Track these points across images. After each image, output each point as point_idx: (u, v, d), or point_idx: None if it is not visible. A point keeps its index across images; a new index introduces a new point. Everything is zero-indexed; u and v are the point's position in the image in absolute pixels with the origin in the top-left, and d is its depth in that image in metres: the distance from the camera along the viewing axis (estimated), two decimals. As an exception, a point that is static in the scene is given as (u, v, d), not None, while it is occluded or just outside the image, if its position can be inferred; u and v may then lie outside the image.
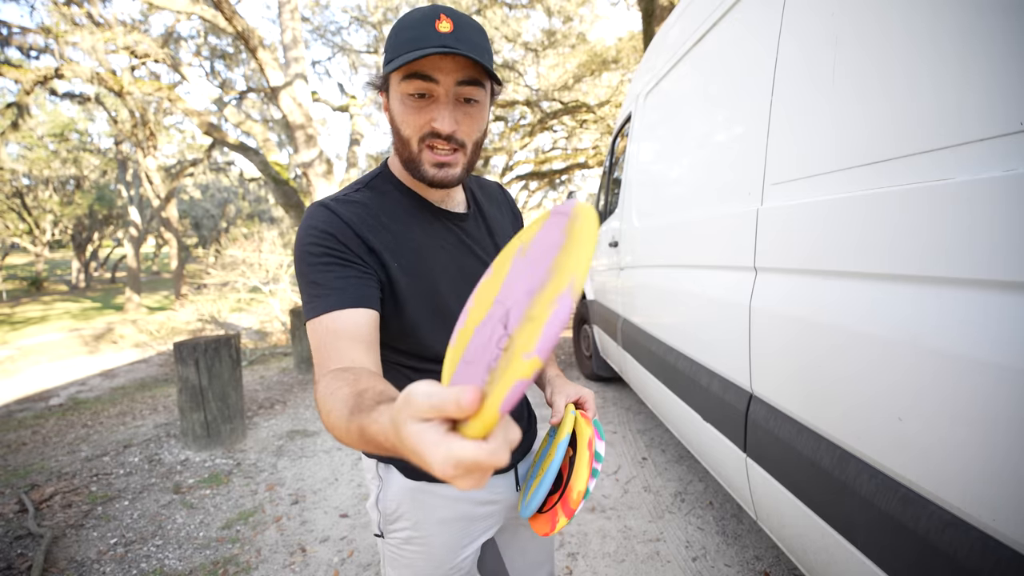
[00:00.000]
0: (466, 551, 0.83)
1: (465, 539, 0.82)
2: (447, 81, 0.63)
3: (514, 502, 0.88)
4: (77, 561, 1.90)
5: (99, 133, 19.28)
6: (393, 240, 0.70)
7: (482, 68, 0.63)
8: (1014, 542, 0.63)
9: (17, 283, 22.69)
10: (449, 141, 0.66)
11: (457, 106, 0.65)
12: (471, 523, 0.82)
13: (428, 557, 0.79)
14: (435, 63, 0.62)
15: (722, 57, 1.60)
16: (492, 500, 0.84)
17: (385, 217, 0.71)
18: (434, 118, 0.64)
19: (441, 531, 0.79)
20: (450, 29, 0.61)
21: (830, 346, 0.97)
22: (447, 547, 0.80)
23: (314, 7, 12.86)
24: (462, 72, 0.63)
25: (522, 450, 0.89)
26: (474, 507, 0.82)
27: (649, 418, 3.25)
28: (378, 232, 0.70)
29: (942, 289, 0.75)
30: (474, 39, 0.63)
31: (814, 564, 1.08)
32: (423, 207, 0.75)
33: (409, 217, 0.73)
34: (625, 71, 11.29)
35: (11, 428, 3.95)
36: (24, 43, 8.28)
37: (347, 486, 2.48)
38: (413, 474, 0.78)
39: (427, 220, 0.75)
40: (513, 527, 0.92)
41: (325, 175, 7.73)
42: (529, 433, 0.92)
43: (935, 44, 0.78)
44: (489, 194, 0.87)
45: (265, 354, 6.19)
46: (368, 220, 0.70)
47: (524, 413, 0.92)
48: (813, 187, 1.06)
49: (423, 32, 0.61)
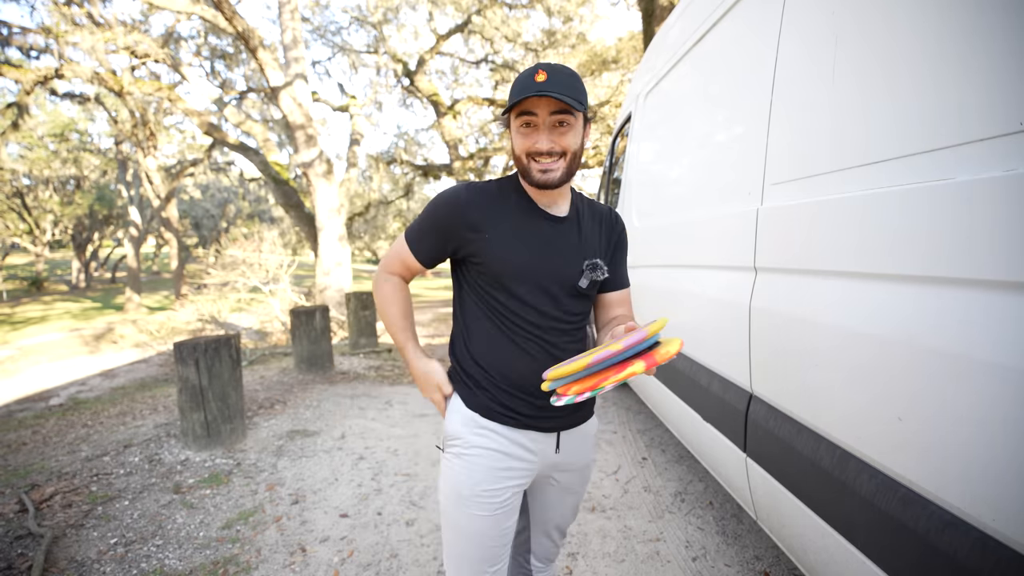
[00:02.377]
0: (502, 483, 0.99)
1: (502, 472, 1.00)
2: (543, 113, 0.90)
3: (552, 461, 1.05)
4: (77, 561, 1.90)
5: (99, 133, 19.30)
6: (496, 218, 0.99)
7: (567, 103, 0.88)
8: (1014, 542, 0.63)
9: (17, 283, 22.69)
10: (549, 155, 0.92)
11: (553, 129, 0.92)
12: (509, 460, 1.00)
13: (468, 474, 0.99)
14: (534, 102, 0.90)
15: (722, 57, 1.60)
16: (532, 450, 1.02)
17: (497, 203, 1.00)
18: (537, 140, 0.92)
19: (484, 456, 0.99)
20: (545, 79, 0.88)
21: (830, 346, 0.97)
22: (486, 472, 0.99)
23: (314, 7, 12.86)
24: (553, 106, 0.90)
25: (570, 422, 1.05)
26: (514, 447, 1.01)
27: (649, 418, 3.25)
28: (486, 210, 0.99)
29: (942, 289, 0.75)
30: (564, 82, 0.88)
31: (814, 564, 1.08)
32: (528, 204, 1.01)
33: (514, 207, 1.01)
34: (625, 71, 11.29)
35: (11, 428, 3.95)
36: (24, 43, 8.28)
37: (347, 486, 2.48)
38: (470, 404, 1.02)
39: (526, 213, 1.01)
40: (543, 484, 1.11)
41: (325, 175, 7.73)
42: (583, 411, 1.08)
43: (935, 44, 0.78)
44: (595, 213, 1.09)
45: (265, 354, 6.20)
46: (483, 201, 0.99)
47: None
48: (813, 187, 1.06)
49: (527, 83, 0.89)
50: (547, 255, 0.99)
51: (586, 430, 1.11)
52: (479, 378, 1.02)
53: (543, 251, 0.99)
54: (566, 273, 0.99)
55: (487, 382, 1.00)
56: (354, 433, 3.21)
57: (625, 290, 1.13)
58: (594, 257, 1.02)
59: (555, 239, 1.01)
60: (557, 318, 1.00)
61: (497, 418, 1.00)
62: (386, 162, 15.10)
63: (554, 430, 1.03)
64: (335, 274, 8.32)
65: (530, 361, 0.98)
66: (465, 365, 1.04)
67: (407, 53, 12.89)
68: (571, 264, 1.00)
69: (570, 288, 1.00)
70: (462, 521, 1.00)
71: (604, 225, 1.09)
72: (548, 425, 1.02)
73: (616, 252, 1.11)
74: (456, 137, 13.21)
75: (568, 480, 1.11)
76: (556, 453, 1.05)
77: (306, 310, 4.85)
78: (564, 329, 1.00)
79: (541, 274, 0.97)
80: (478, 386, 1.02)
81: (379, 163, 15.08)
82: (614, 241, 1.10)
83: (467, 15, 11.50)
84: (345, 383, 4.59)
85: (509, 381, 0.99)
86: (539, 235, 1.00)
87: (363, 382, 4.66)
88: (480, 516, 0.99)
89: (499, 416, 1.00)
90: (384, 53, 12.86)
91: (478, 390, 1.02)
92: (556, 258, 0.99)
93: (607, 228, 1.09)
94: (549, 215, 1.02)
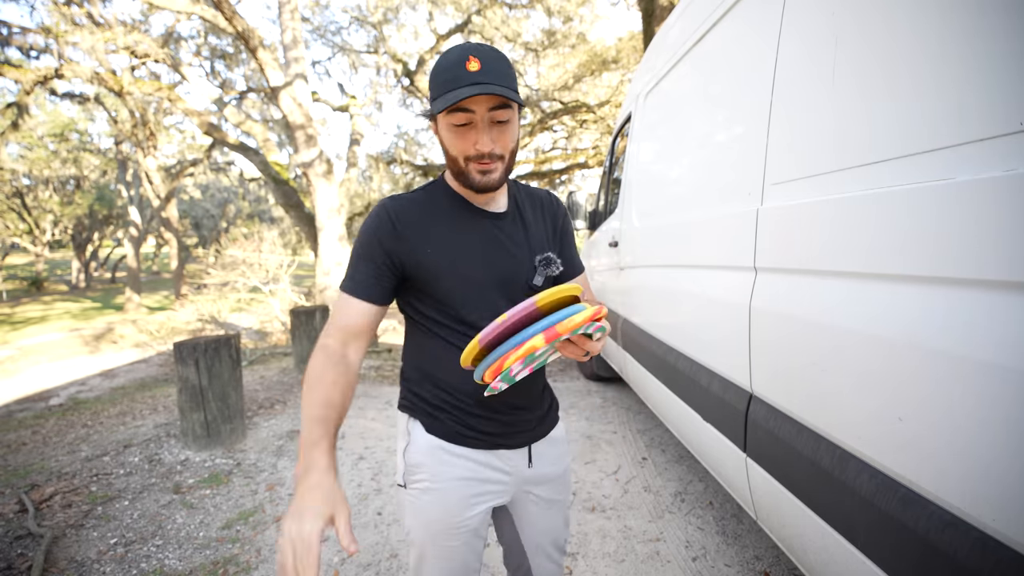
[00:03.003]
0: (475, 509, 0.93)
1: (475, 498, 0.93)
2: (481, 110, 0.78)
3: (527, 476, 0.98)
4: (77, 561, 1.90)
5: (99, 133, 19.25)
6: (432, 227, 0.88)
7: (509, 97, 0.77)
8: (1014, 542, 0.63)
9: (17, 283, 22.68)
10: (490, 157, 0.82)
11: (492, 127, 0.81)
12: (482, 484, 0.93)
13: (442, 508, 0.91)
14: (471, 99, 0.76)
15: (722, 57, 1.60)
16: (504, 470, 0.95)
17: (428, 214, 0.90)
18: (476, 141, 0.80)
19: (456, 487, 0.91)
20: (478, 67, 0.76)
21: (830, 346, 0.97)
22: (460, 502, 0.92)
23: (314, 7, 12.85)
24: (492, 101, 0.78)
25: (539, 433, 0.99)
26: (486, 470, 0.93)
27: (649, 418, 3.25)
28: (418, 220, 0.88)
29: (942, 289, 0.75)
30: (499, 70, 0.77)
31: (814, 564, 1.08)
32: (464, 206, 0.92)
33: (449, 211, 0.91)
34: (625, 71, 11.29)
35: (11, 428, 3.94)
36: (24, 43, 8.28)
37: (347, 486, 2.48)
38: (434, 431, 0.92)
39: (465, 217, 0.91)
40: (523, 501, 1.01)
41: (325, 175, 7.73)
42: (548, 418, 1.02)
43: (935, 44, 0.78)
44: (534, 200, 1.01)
45: (265, 354, 6.19)
46: (412, 210, 0.89)
47: (547, 401, 1.03)
48: (813, 187, 1.06)
49: (457, 74, 0.76)
50: (495, 257, 0.90)
51: (555, 436, 1.04)
52: (439, 402, 0.92)
53: (490, 254, 0.90)
54: (519, 273, 0.91)
55: (449, 405, 0.91)
56: (354, 433, 3.21)
57: (580, 276, 1.05)
58: (544, 251, 0.94)
59: (500, 238, 0.92)
60: None
61: (465, 442, 0.91)
62: (386, 162, 15.09)
63: (524, 444, 0.97)
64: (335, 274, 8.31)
65: None
66: (422, 391, 0.94)
67: (407, 53, 12.89)
68: (523, 263, 0.92)
69: (524, 287, 0.92)
70: (437, 553, 0.94)
71: (546, 212, 1.01)
72: (518, 440, 0.95)
73: (564, 238, 1.03)
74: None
75: (549, 492, 1.03)
76: (530, 468, 0.98)
77: (306, 310, 4.85)
78: None
79: (493, 279, 0.89)
80: (440, 410, 0.92)
81: (379, 163, 15.08)
82: (559, 226, 1.02)
83: (467, 15, 11.49)
84: (345, 383, 4.58)
85: (473, 400, 0.90)
86: (483, 237, 0.90)
87: (363, 382, 4.66)
88: (454, 546, 0.93)
89: (467, 440, 0.91)
90: (384, 53, 12.86)
91: (441, 414, 0.92)
92: (505, 259, 0.91)
93: (549, 214, 1.01)
94: (489, 213, 0.92)
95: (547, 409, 1.03)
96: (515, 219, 0.95)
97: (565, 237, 1.04)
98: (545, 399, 1.03)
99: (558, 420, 1.07)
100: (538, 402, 0.99)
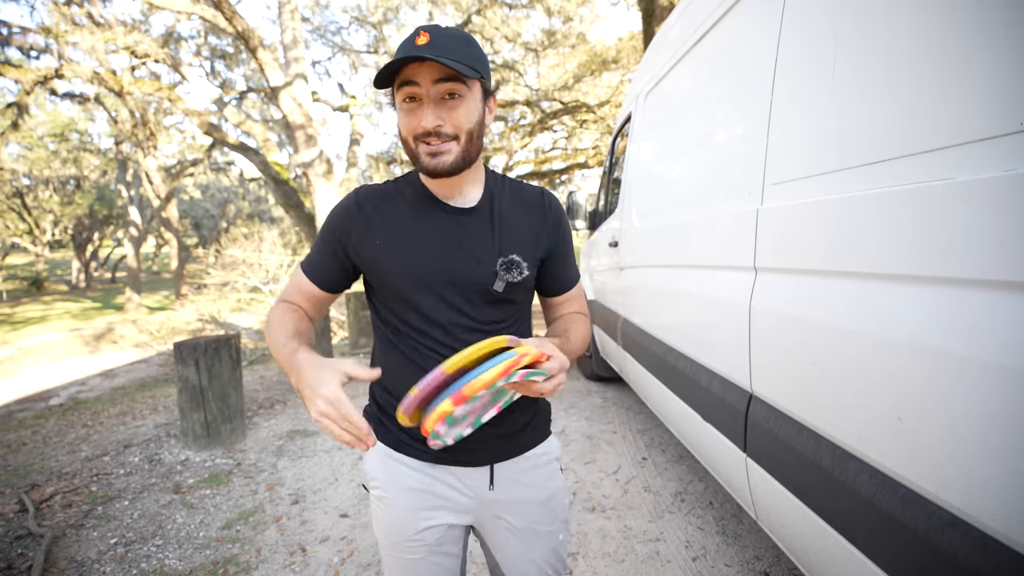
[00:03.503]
0: (427, 523, 0.87)
1: (426, 512, 0.87)
2: (425, 83, 0.74)
3: (489, 498, 0.89)
4: (77, 561, 1.90)
5: (99, 133, 19.29)
6: (388, 218, 0.84)
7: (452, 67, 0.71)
8: (1014, 542, 0.63)
9: (17, 283, 22.68)
10: (439, 136, 0.76)
11: (440, 103, 0.75)
12: (435, 499, 0.87)
13: (392, 518, 0.88)
14: (414, 70, 0.73)
15: (722, 57, 1.60)
16: (457, 487, 0.88)
17: (390, 205, 0.86)
18: (421, 118, 0.75)
19: (405, 497, 0.87)
20: (426, 41, 0.72)
21: (830, 346, 0.97)
22: (408, 513, 0.87)
23: (314, 7, 12.86)
24: (437, 73, 0.73)
25: (506, 451, 0.89)
26: (437, 484, 0.87)
27: (649, 418, 3.25)
28: (377, 211, 0.85)
29: (942, 289, 0.75)
30: (448, 44, 0.73)
31: (814, 564, 1.08)
32: (426, 199, 0.86)
33: (410, 203, 0.86)
34: (625, 71, 11.29)
35: (11, 428, 3.94)
36: (24, 43, 8.28)
37: (347, 486, 2.48)
38: (381, 437, 0.89)
39: (424, 210, 0.85)
40: (494, 526, 0.92)
41: (325, 175, 7.72)
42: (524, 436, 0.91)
43: (935, 44, 0.78)
44: (520, 198, 0.91)
45: (265, 354, 6.19)
46: (375, 201, 0.85)
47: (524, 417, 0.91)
48: (813, 187, 1.06)
49: (406, 48, 0.73)
50: (449, 254, 0.82)
51: (535, 455, 0.91)
52: (387, 407, 0.87)
53: (444, 250, 0.82)
54: (477, 275, 0.82)
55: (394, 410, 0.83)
56: (354, 433, 3.21)
57: (570, 291, 0.96)
58: (511, 253, 0.83)
59: (459, 235, 0.83)
60: (470, 329, 0.82)
61: (410, 452, 0.86)
62: (386, 162, 15.10)
63: (485, 462, 0.87)
64: (335, 274, 8.31)
65: None
66: (376, 395, 0.91)
67: (407, 53, 12.88)
68: (483, 263, 0.82)
69: (483, 293, 0.83)
70: (397, 566, 0.90)
71: (533, 212, 0.89)
72: (475, 457, 0.86)
73: (555, 245, 0.91)
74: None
75: (524, 521, 0.90)
76: (491, 490, 0.88)
77: (306, 310, 4.84)
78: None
79: (444, 278, 0.82)
80: (387, 415, 0.88)
81: (379, 163, 15.08)
82: (548, 231, 0.90)
83: (467, 15, 11.50)
84: (345, 383, 4.59)
85: None
86: (438, 232, 0.83)
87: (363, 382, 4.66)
88: (413, 559, 0.88)
89: (412, 450, 0.86)
90: (384, 53, 12.86)
91: (387, 420, 0.87)
92: (461, 257, 0.82)
93: (537, 216, 0.89)
94: (452, 208, 0.85)
95: (523, 425, 0.90)
96: (484, 216, 0.85)
97: (557, 245, 0.92)
98: (521, 415, 0.89)
99: (545, 438, 0.94)
100: (506, 416, 0.85)
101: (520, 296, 0.87)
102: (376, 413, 0.91)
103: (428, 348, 0.82)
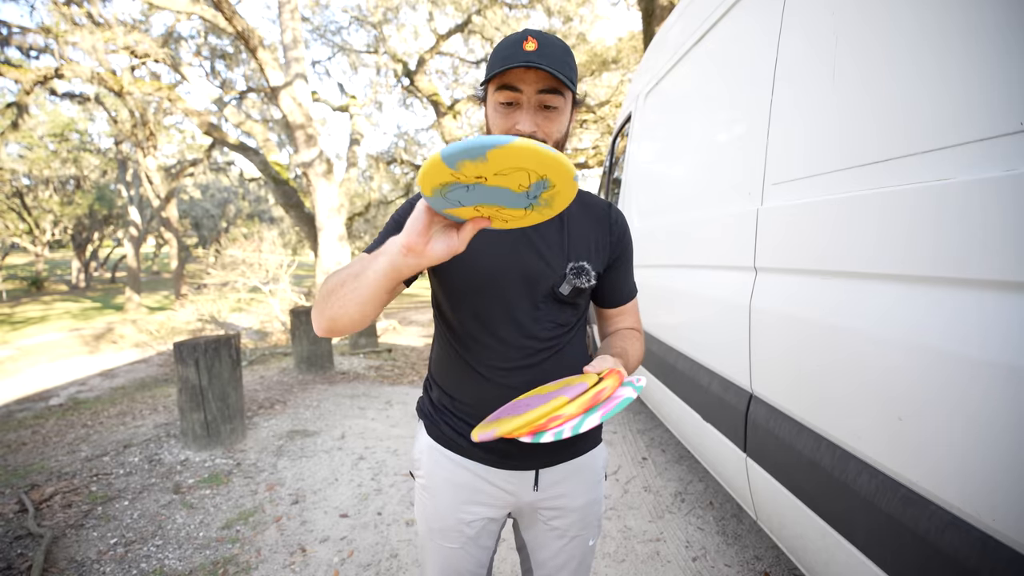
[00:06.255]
0: (467, 516, 0.90)
1: (467, 505, 0.90)
2: (529, 91, 0.75)
3: (531, 499, 0.90)
4: (77, 561, 1.90)
5: (99, 133, 19.25)
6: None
7: (560, 79, 0.73)
8: (1014, 542, 0.63)
9: (17, 283, 22.67)
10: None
11: (538, 111, 0.77)
12: (475, 493, 0.90)
13: (433, 508, 0.92)
14: (520, 76, 0.74)
15: (722, 57, 1.60)
16: (502, 487, 0.89)
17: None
18: (518, 121, 0.76)
19: (445, 490, 0.90)
20: (535, 48, 0.73)
21: (830, 346, 0.97)
22: (451, 506, 0.90)
23: (314, 7, 12.85)
24: (542, 83, 0.74)
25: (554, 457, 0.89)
26: (480, 481, 0.89)
27: (649, 418, 3.25)
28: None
29: (942, 289, 0.75)
30: (556, 55, 0.74)
31: (814, 564, 1.08)
32: None
33: None
34: (625, 71, 11.29)
35: (11, 428, 3.94)
36: (24, 43, 8.28)
37: (347, 486, 2.48)
38: (432, 434, 0.92)
39: None
40: (535, 523, 0.95)
41: (325, 175, 7.73)
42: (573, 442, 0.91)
43: (935, 44, 0.78)
44: (588, 207, 0.92)
45: (265, 354, 6.19)
46: None
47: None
48: (813, 187, 1.06)
49: (512, 52, 0.74)
50: (520, 252, 0.83)
51: (583, 464, 0.92)
52: (441, 407, 0.91)
53: (515, 248, 0.83)
54: (545, 276, 0.83)
55: (448, 411, 0.89)
56: (354, 433, 3.21)
57: (627, 304, 0.97)
58: (580, 260, 0.85)
59: (530, 235, 0.85)
60: (533, 335, 0.84)
61: (460, 451, 0.88)
62: (386, 162, 15.10)
63: (531, 468, 0.89)
64: (335, 274, 8.31)
65: (502, 393, 0.82)
66: (431, 393, 0.95)
67: (407, 53, 12.89)
68: (552, 265, 0.84)
69: (548, 294, 0.84)
70: (435, 552, 0.93)
71: (600, 222, 0.91)
72: (523, 463, 0.88)
73: (618, 257, 0.92)
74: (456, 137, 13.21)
75: (562, 523, 0.93)
76: (535, 491, 0.90)
77: (306, 310, 4.85)
78: (541, 348, 0.85)
79: (516, 276, 0.83)
80: (440, 414, 0.91)
81: (379, 163, 15.09)
82: (612, 243, 0.92)
83: (467, 15, 11.50)
84: (345, 383, 4.59)
85: (472, 410, 0.86)
86: (511, 231, 0.82)
87: (363, 382, 4.66)
88: (452, 548, 0.91)
89: (462, 449, 0.88)
90: (384, 53, 12.86)
91: (439, 418, 0.91)
92: (533, 258, 0.83)
93: (602, 228, 0.91)
94: None
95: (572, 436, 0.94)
96: (556, 221, 0.87)
97: (621, 258, 0.93)
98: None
99: (595, 445, 0.95)
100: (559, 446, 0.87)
101: (582, 301, 0.89)
102: (429, 411, 0.94)
103: (484, 347, 0.84)
